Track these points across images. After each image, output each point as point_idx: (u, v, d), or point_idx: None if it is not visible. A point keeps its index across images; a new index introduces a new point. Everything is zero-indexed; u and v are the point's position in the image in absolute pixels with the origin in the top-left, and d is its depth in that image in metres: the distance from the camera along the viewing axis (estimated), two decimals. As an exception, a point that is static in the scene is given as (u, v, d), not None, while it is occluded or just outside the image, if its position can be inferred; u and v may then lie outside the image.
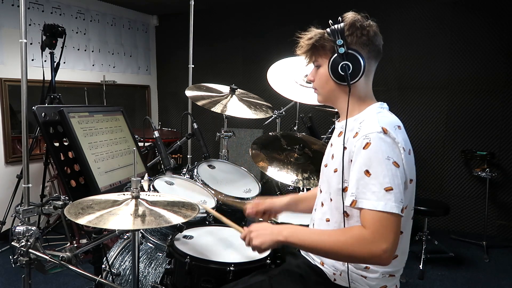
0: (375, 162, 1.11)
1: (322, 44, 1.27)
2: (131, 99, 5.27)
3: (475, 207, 3.98)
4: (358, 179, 1.13)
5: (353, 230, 1.14)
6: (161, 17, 5.40)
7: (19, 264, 1.40)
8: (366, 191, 1.11)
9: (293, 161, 2.28)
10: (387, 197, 1.08)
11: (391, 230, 1.08)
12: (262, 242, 1.23)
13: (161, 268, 1.77)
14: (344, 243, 1.12)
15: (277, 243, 1.23)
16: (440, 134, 4.08)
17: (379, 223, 1.08)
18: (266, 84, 2.60)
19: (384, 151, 1.12)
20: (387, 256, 1.08)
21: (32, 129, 3.25)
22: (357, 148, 1.15)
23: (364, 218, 1.11)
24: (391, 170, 1.10)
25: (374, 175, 1.10)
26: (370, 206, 1.09)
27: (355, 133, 1.19)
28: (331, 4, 4.15)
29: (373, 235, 1.08)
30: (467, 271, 3.20)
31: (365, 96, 1.30)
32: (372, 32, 1.25)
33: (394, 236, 1.08)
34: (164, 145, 2.22)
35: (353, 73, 1.23)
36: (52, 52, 3.18)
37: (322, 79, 1.31)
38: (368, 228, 1.09)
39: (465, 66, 3.92)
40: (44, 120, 1.76)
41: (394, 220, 1.08)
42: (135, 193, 1.31)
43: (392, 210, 1.08)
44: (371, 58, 1.27)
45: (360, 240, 1.09)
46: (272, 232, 1.23)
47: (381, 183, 1.09)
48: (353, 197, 1.13)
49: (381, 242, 1.07)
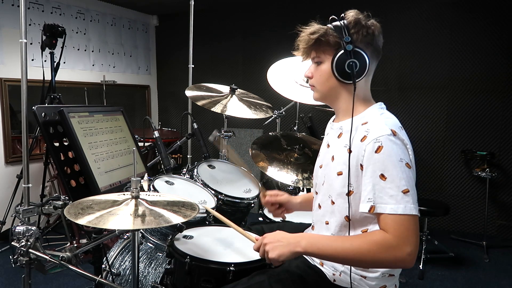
0: (390, 165, 1.10)
1: (326, 40, 1.24)
2: (131, 99, 5.27)
3: (475, 207, 3.97)
4: (374, 184, 1.11)
5: (375, 236, 1.12)
6: (161, 17, 5.40)
7: (19, 264, 1.40)
8: (383, 195, 1.10)
9: (293, 161, 2.28)
10: (406, 199, 1.08)
11: (412, 232, 1.07)
12: (280, 255, 1.16)
13: (161, 268, 1.77)
14: (369, 250, 1.09)
15: (295, 254, 1.17)
16: (440, 134, 4.07)
17: (402, 227, 1.07)
18: (266, 84, 2.60)
19: (396, 154, 1.11)
20: (411, 258, 1.07)
21: (32, 129, 3.25)
22: (368, 153, 1.13)
23: (385, 223, 1.09)
24: (405, 172, 1.10)
25: (390, 178, 1.09)
26: (390, 211, 1.08)
27: (363, 137, 1.17)
28: (331, 4, 4.15)
29: (397, 240, 1.07)
30: (467, 271, 3.20)
31: (365, 96, 1.29)
32: (377, 32, 1.24)
33: (416, 238, 1.08)
34: (164, 145, 2.22)
35: (358, 71, 1.21)
36: (52, 52, 3.18)
37: (323, 76, 1.28)
38: (390, 232, 1.08)
39: (465, 66, 3.92)
40: (44, 120, 1.76)
41: (414, 221, 1.08)
42: (135, 193, 1.31)
43: (412, 212, 1.07)
44: (373, 58, 1.26)
45: (384, 246, 1.08)
46: (290, 243, 1.17)
47: (398, 186, 1.08)
48: (371, 203, 1.11)
49: (405, 245, 1.06)
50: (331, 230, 1.29)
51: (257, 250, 1.24)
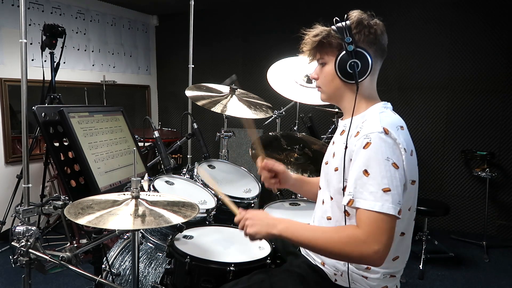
0: (374, 162, 1.10)
1: (329, 41, 1.25)
2: (131, 99, 5.27)
3: (475, 207, 3.98)
4: (356, 178, 1.12)
5: (347, 229, 1.15)
6: (161, 17, 5.40)
7: (19, 264, 1.40)
8: (364, 190, 1.10)
9: (293, 161, 2.29)
10: (385, 198, 1.08)
11: (385, 231, 1.07)
12: (256, 232, 1.23)
13: (161, 268, 1.77)
14: (337, 241, 1.11)
15: (270, 236, 1.23)
16: (440, 134, 4.08)
17: (374, 224, 1.07)
18: (266, 84, 2.60)
19: (384, 152, 1.11)
20: (378, 257, 1.07)
21: (32, 129, 3.25)
22: (357, 148, 1.15)
23: (359, 217, 1.11)
24: (390, 171, 1.10)
25: (373, 175, 1.10)
26: (366, 206, 1.09)
27: (356, 132, 1.18)
28: (332, 4, 4.15)
29: (366, 236, 1.07)
30: (467, 271, 3.20)
31: (370, 95, 1.29)
32: (379, 31, 1.24)
33: (388, 238, 1.07)
34: (164, 145, 2.22)
35: (361, 71, 1.22)
36: (52, 52, 3.18)
37: (328, 77, 1.29)
38: (362, 228, 1.09)
39: (465, 66, 3.92)
40: (44, 120, 1.76)
41: (389, 221, 1.08)
42: (135, 193, 1.31)
43: (389, 211, 1.07)
44: (377, 57, 1.26)
45: (353, 240, 1.09)
46: (268, 224, 1.23)
47: (379, 183, 1.09)
48: (350, 196, 1.13)
49: (374, 243, 1.06)
50: (332, 225, 1.29)
51: (237, 222, 1.31)
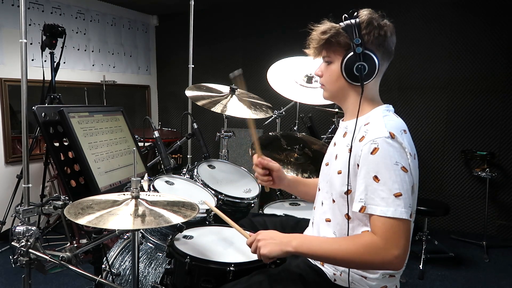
0: (384, 167, 1.10)
1: (337, 40, 1.22)
2: (131, 99, 5.27)
3: (475, 207, 3.97)
4: (366, 184, 1.12)
5: (363, 238, 1.14)
6: (161, 17, 5.40)
7: (19, 264, 1.40)
8: (375, 197, 1.10)
9: (293, 161, 2.29)
10: (397, 202, 1.08)
11: (401, 235, 1.08)
12: (270, 251, 1.19)
13: (161, 268, 1.77)
14: (356, 252, 1.11)
15: (286, 254, 1.20)
16: (440, 134, 4.07)
17: (390, 230, 1.07)
18: (266, 84, 2.60)
19: (392, 156, 1.10)
20: (399, 261, 1.08)
21: (32, 129, 3.25)
22: (364, 153, 1.13)
23: (374, 224, 1.10)
24: (400, 176, 1.09)
25: (383, 180, 1.09)
26: (380, 213, 1.09)
27: (361, 137, 1.17)
28: (332, 4, 4.15)
29: (385, 242, 1.07)
30: (467, 271, 3.20)
31: (373, 97, 1.28)
32: (389, 33, 1.23)
33: (405, 242, 1.08)
34: (164, 145, 2.22)
35: (367, 74, 1.20)
36: (52, 52, 3.18)
37: (333, 76, 1.27)
38: (379, 235, 1.09)
39: (465, 66, 3.92)
40: (44, 120, 1.76)
41: (404, 225, 1.08)
42: (135, 193, 1.31)
43: (402, 216, 1.07)
44: (384, 60, 1.25)
45: (372, 248, 1.09)
46: (282, 242, 1.20)
47: (390, 189, 1.08)
48: (362, 203, 1.12)
49: (393, 248, 1.07)
50: (332, 228, 1.29)
51: (249, 245, 1.27)
